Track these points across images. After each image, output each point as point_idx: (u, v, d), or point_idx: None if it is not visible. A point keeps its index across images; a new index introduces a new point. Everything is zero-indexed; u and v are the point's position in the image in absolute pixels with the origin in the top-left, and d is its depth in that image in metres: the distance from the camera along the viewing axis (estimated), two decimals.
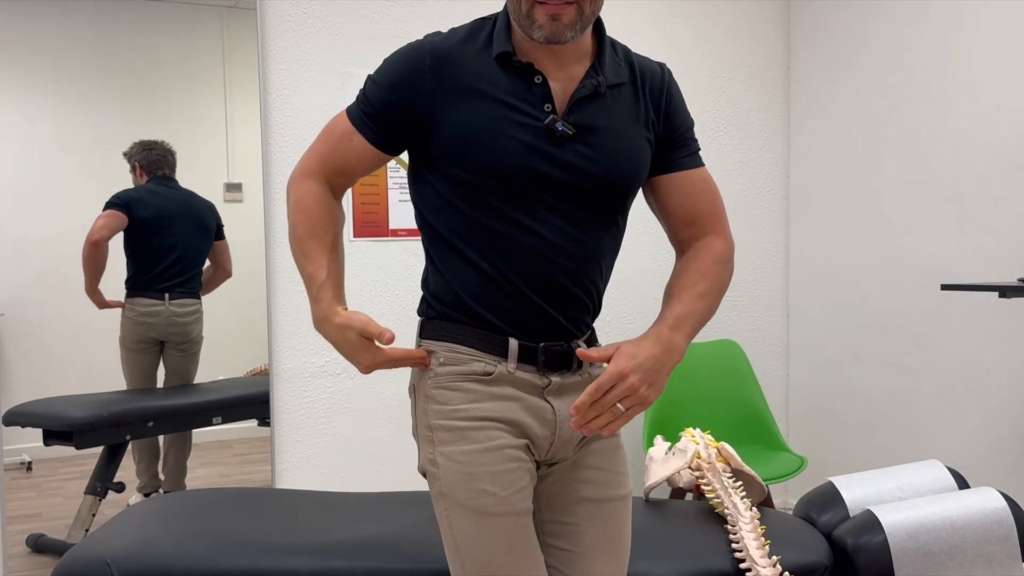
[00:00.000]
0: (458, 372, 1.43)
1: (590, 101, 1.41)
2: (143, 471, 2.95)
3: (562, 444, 1.47)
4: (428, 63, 1.39)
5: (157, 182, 2.87)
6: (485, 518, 1.39)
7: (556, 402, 1.45)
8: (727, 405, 3.33)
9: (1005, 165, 2.90)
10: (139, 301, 2.89)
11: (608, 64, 1.43)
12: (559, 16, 1.32)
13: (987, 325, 2.97)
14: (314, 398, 3.00)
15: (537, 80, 1.39)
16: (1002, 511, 1.85)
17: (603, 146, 1.41)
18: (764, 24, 3.67)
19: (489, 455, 1.40)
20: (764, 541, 1.75)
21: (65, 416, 2.77)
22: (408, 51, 1.42)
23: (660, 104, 1.48)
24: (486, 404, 1.42)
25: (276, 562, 1.63)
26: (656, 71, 1.49)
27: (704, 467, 1.95)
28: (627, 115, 1.44)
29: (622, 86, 1.45)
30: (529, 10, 1.34)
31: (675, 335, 1.41)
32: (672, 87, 1.50)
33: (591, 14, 1.36)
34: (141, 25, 2.83)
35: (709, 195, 1.54)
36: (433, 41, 1.41)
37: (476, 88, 1.38)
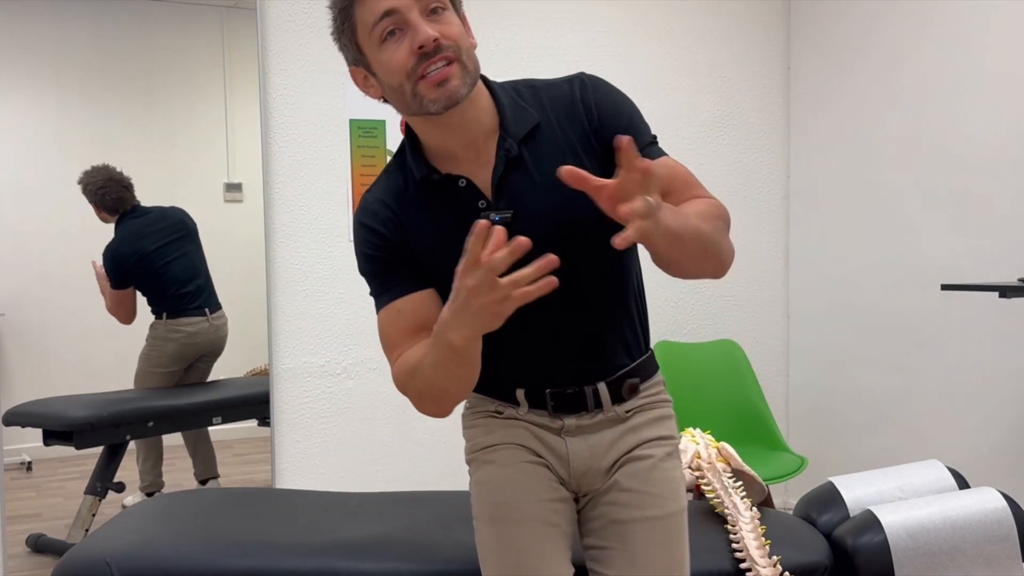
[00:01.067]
0: (476, 411, 1.54)
1: (512, 172, 1.37)
2: (148, 470, 2.95)
3: (581, 476, 1.48)
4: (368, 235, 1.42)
5: (130, 220, 2.87)
6: (500, 525, 1.43)
7: (573, 440, 1.47)
8: (727, 405, 3.33)
9: (1005, 165, 2.90)
10: (183, 321, 2.96)
11: (512, 119, 1.38)
12: (446, 79, 1.29)
13: (987, 325, 2.97)
14: (314, 398, 3.00)
15: (462, 184, 1.38)
16: (1002, 511, 1.85)
17: (539, 212, 1.35)
18: (764, 24, 3.67)
19: (505, 469, 1.46)
20: (764, 541, 1.75)
21: (65, 416, 2.77)
22: (354, 235, 1.45)
23: (582, 123, 1.39)
24: (499, 432, 1.49)
25: (276, 562, 1.63)
26: (564, 92, 1.42)
27: (704, 467, 1.95)
28: (553, 160, 1.36)
29: (536, 131, 1.39)
30: (414, 89, 1.30)
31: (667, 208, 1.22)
32: (587, 97, 1.41)
33: (474, 69, 1.33)
34: (141, 25, 2.83)
35: (678, 176, 1.39)
36: (361, 213, 1.43)
37: (427, 227, 1.39)
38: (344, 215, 3.01)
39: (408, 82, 1.30)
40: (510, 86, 1.44)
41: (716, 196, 1.43)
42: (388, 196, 1.42)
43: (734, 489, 1.90)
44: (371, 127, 3.03)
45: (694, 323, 3.61)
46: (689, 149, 3.55)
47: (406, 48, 1.29)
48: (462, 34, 1.32)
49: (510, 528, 1.42)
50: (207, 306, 3.00)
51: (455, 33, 1.31)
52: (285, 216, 2.95)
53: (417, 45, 1.27)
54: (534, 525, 1.42)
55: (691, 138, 3.56)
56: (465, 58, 1.31)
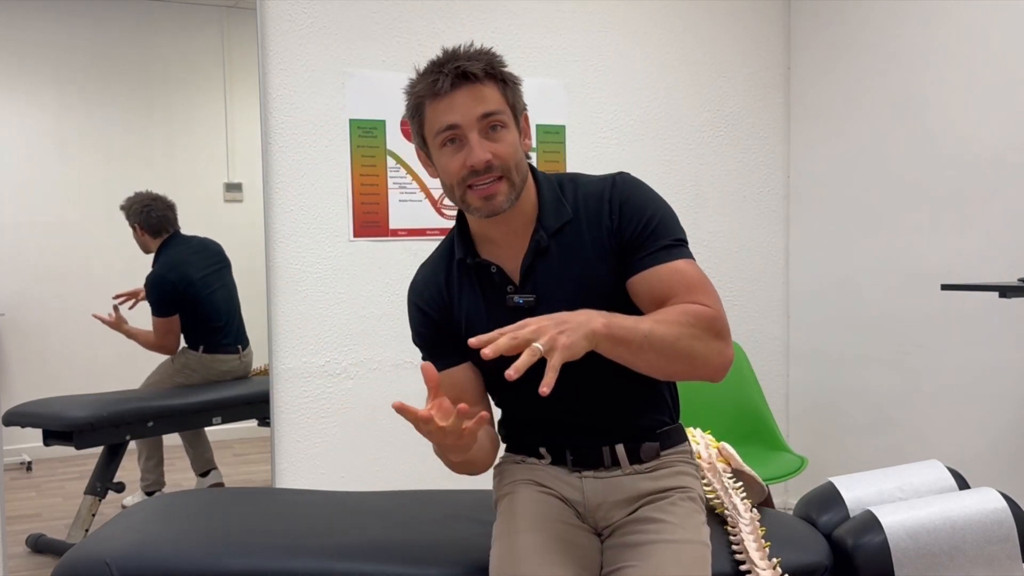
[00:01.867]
0: (503, 461, 1.70)
1: (539, 261, 1.52)
2: (150, 470, 2.95)
3: (595, 508, 1.58)
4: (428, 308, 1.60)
5: (174, 244, 2.88)
6: (513, 536, 1.49)
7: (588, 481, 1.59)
8: (727, 405, 3.33)
9: (1005, 165, 2.90)
10: (219, 358, 3.01)
11: (549, 212, 1.53)
12: (492, 196, 1.45)
13: (987, 325, 2.97)
14: (314, 398, 3.00)
15: (493, 271, 1.54)
16: (1002, 511, 1.85)
17: (557, 299, 1.46)
18: (764, 24, 3.67)
19: (520, 495, 1.57)
20: (764, 543, 1.75)
21: (65, 416, 2.77)
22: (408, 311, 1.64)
23: (604, 220, 1.50)
24: (518, 474, 1.63)
25: (276, 562, 1.63)
26: (597, 193, 1.53)
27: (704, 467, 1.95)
28: (577, 253, 1.51)
29: (567, 227, 1.52)
30: (463, 196, 1.48)
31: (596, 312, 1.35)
32: (615, 199, 1.50)
33: (520, 181, 1.48)
34: (141, 25, 2.83)
35: (682, 281, 1.47)
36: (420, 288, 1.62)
37: (464, 309, 1.56)
38: (344, 215, 3.01)
39: (459, 188, 1.48)
40: (556, 179, 1.58)
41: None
42: (435, 276, 1.61)
43: (734, 489, 1.90)
44: (371, 127, 3.03)
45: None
46: (689, 149, 3.56)
47: (460, 161, 1.45)
48: (515, 151, 1.47)
49: (522, 536, 1.48)
50: (240, 343, 3.05)
51: (507, 153, 1.46)
52: (285, 216, 2.95)
53: (469, 164, 1.44)
54: (547, 536, 1.47)
55: (691, 138, 3.56)
56: (514, 174, 1.47)
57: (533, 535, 1.47)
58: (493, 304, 1.54)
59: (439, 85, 1.45)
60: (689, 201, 3.56)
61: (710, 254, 3.62)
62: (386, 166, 3.05)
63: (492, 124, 1.46)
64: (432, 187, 3.11)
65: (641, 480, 1.57)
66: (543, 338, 1.26)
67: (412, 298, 1.64)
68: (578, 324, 1.30)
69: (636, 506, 1.55)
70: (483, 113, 1.45)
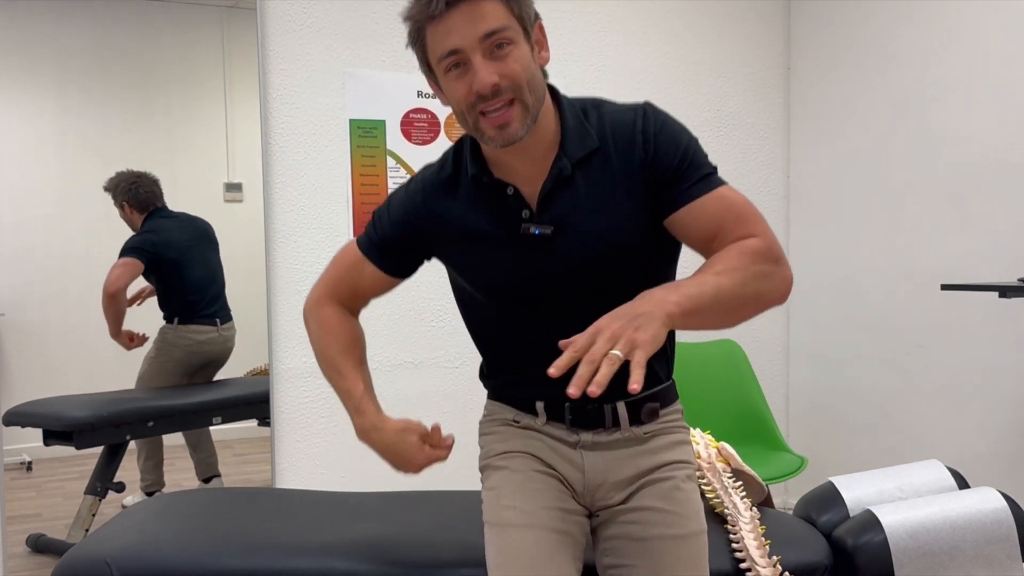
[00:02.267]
0: (493, 419, 1.58)
1: (561, 190, 1.40)
2: (150, 470, 2.95)
3: (597, 488, 1.48)
4: (420, 201, 1.49)
5: (159, 216, 2.88)
6: (507, 530, 1.42)
7: (588, 455, 1.48)
8: (727, 405, 3.33)
9: (1005, 165, 2.90)
10: (193, 328, 2.96)
11: (573, 139, 1.40)
12: (506, 123, 1.33)
13: (987, 325, 2.97)
14: (314, 398, 3.00)
15: (509, 192, 1.42)
16: (1002, 511, 1.85)
17: (580, 233, 1.39)
18: (764, 24, 3.67)
19: (515, 475, 1.47)
20: (764, 541, 1.75)
21: (65, 416, 2.77)
22: (406, 192, 1.52)
23: (637, 152, 1.40)
24: (514, 441, 1.52)
25: (276, 562, 1.63)
26: (627, 122, 1.41)
27: (704, 467, 1.95)
28: (603, 186, 1.40)
29: (593, 156, 1.40)
30: (475, 124, 1.35)
31: (666, 292, 1.27)
32: (649, 128, 1.40)
33: (536, 102, 1.35)
34: (141, 25, 2.83)
35: (732, 210, 1.39)
36: (424, 177, 1.51)
37: (460, 226, 1.46)
38: (344, 215, 3.01)
39: (469, 115, 1.35)
40: (579, 104, 1.45)
41: None
42: (433, 187, 1.49)
43: (734, 489, 1.90)
44: (371, 127, 3.03)
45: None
46: None
47: (467, 86, 1.33)
48: (526, 68, 1.33)
49: (516, 532, 1.41)
50: (219, 316, 3.01)
51: (516, 72, 1.32)
52: (285, 216, 2.95)
53: (476, 90, 1.31)
54: (541, 531, 1.41)
55: None
56: (527, 94, 1.33)
57: (528, 532, 1.41)
58: (504, 230, 1.42)
59: (434, 6, 1.32)
60: None
61: None
62: (386, 166, 3.05)
63: (497, 42, 1.32)
64: None
65: (640, 455, 1.48)
66: (620, 342, 1.18)
67: (403, 198, 1.52)
68: (651, 314, 1.22)
69: (635, 487, 1.47)
70: (485, 32, 1.31)
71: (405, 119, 3.07)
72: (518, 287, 1.43)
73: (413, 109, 3.07)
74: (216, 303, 3.01)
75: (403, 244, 1.53)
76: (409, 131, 3.07)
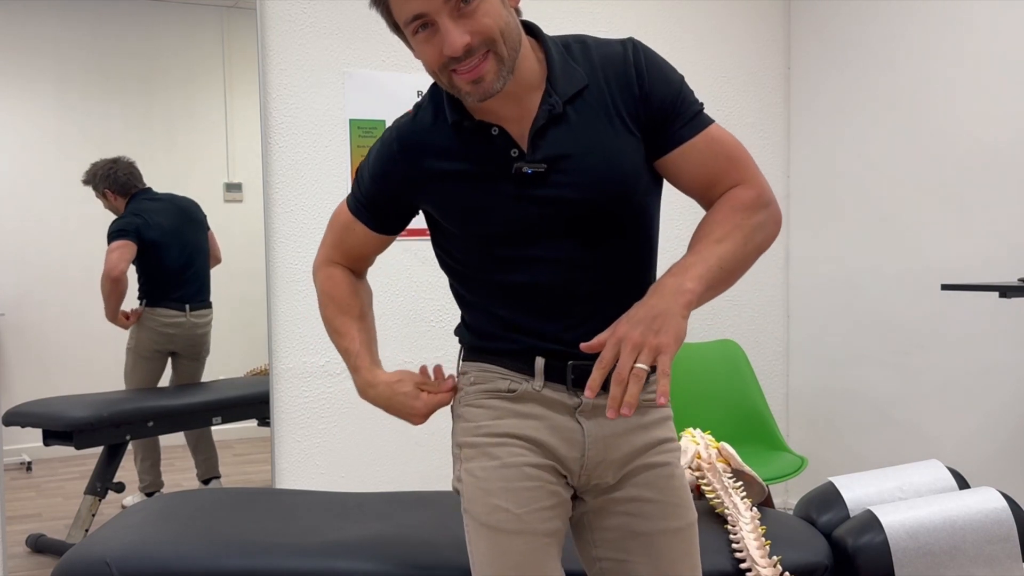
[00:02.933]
0: (484, 390, 1.44)
1: (552, 127, 1.34)
2: (147, 470, 2.95)
3: (596, 466, 1.42)
4: (396, 150, 1.41)
5: (141, 198, 2.87)
6: (497, 535, 1.37)
7: (587, 423, 1.41)
8: (727, 405, 3.33)
9: (1005, 165, 2.90)
10: (161, 311, 2.91)
11: (560, 76, 1.35)
12: (480, 78, 1.26)
13: (987, 325, 2.97)
14: (314, 398, 3.00)
15: (494, 132, 1.35)
16: (1002, 511, 1.85)
17: (578, 169, 1.34)
18: (764, 24, 3.67)
19: (507, 471, 1.39)
20: (764, 541, 1.75)
21: (65, 416, 2.77)
22: (382, 142, 1.45)
23: (631, 88, 1.35)
24: (508, 421, 1.41)
25: (276, 562, 1.63)
26: (617, 54, 1.37)
27: (704, 467, 1.95)
28: (597, 121, 1.35)
29: (584, 91, 1.35)
30: (449, 82, 1.29)
31: (681, 279, 1.25)
32: (640, 63, 1.36)
33: (512, 50, 1.28)
34: (141, 25, 2.83)
35: (723, 153, 1.39)
36: (399, 127, 1.43)
37: (444, 168, 1.38)
38: None
39: (442, 74, 1.29)
40: (561, 41, 1.40)
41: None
42: (410, 134, 1.41)
43: (734, 489, 1.90)
44: (371, 127, 3.03)
45: (694, 323, 3.60)
46: None
47: (437, 49, 1.26)
48: (496, 19, 1.25)
49: (507, 539, 1.37)
50: (188, 301, 2.96)
51: (488, 26, 1.24)
52: (285, 216, 2.95)
53: (447, 54, 1.25)
54: (532, 538, 1.37)
55: None
56: (501, 47, 1.26)
57: (520, 540, 1.36)
58: (493, 170, 1.35)
59: None
60: (689, 201, 3.55)
61: None
62: None
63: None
64: None
65: (635, 432, 1.43)
66: (644, 352, 1.17)
67: (380, 151, 1.44)
68: (669, 311, 1.20)
69: (630, 468, 1.43)
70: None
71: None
72: (513, 229, 1.36)
73: None
74: (188, 287, 2.97)
75: (387, 199, 1.45)
76: None
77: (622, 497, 1.43)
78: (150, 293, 2.89)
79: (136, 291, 2.88)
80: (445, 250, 1.47)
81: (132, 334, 2.88)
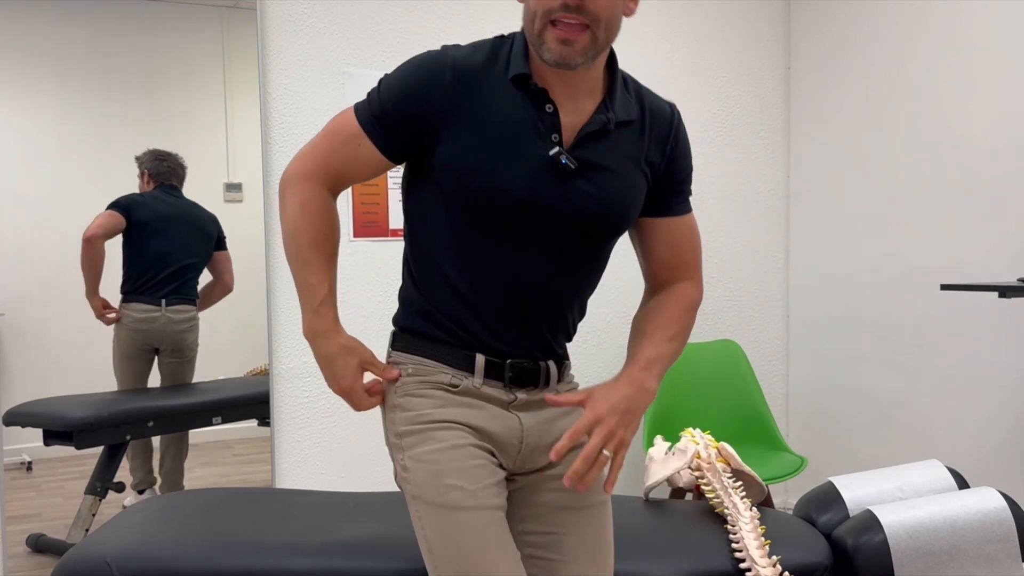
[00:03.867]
0: (424, 381, 1.46)
1: (598, 138, 1.40)
2: (137, 467, 2.94)
3: (530, 452, 1.49)
4: (448, 78, 1.37)
5: (162, 190, 2.88)
6: (454, 513, 1.38)
7: (523, 415, 1.48)
8: (727, 405, 3.33)
9: (1005, 165, 2.90)
10: (135, 307, 2.88)
11: (619, 100, 1.42)
12: (571, 41, 1.30)
13: (987, 325, 2.97)
14: (314, 398, 3.00)
15: (548, 109, 1.38)
16: (1002, 511, 1.85)
17: (604, 185, 1.41)
18: (764, 24, 3.67)
19: (454, 451, 1.40)
20: (764, 541, 1.75)
21: (65, 416, 2.77)
22: (428, 61, 1.38)
23: (665, 147, 1.48)
24: (450, 409, 1.44)
25: (276, 562, 1.63)
26: (666, 112, 1.48)
27: (704, 467, 1.95)
28: (630, 155, 1.44)
29: (630, 124, 1.44)
30: (542, 30, 1.32)
31: (647, 376, 1.42)
32: (680, 131, 1.50)
33: (604, 42, 1.33)
34: (141, 25, 2.83)
35: (692, 243, 1.56)
36: (455, 56, 1.38)
37: (488, 114, 1.37)
38: (344, 215, 3.01)
39: (540, 20, 1.31)
40: (622, 73, 1.47)
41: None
42: (466, 68, 1.38)
43: (734, 489, 1.90)
44: None
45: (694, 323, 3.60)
46: None
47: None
48: (612, 7, 1.31)
49: (464, 515, 1.37)
50: (166, 296, 2.92)
51: (604, 4, 1.30)
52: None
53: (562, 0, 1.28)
54: (487, 512, 1.39)
55: (691, 138, 3.56)
56: (601, 31, 1.31)
57: (476, 515, 1.38)
58: (531, 140, 1.37)
59: None
60: None
61: (710, 254, 3.62)
62: None
63: None
64: None
65: (562, 417, 1.53)
66: (612, 442, 1.35)
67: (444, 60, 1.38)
68: (639, 409, 1.39)
69: None
70: None
71: None
72: (516, 205, 1.38)
73: None
74: (170, 283, 2.92)
75: (410, 122, 1.38)
76: None
77: (554, 475, 1.51)
78: (128, 285, 2.87)
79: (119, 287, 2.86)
80: (424, 208, 1.44)
81: (115, 331, 2.87)
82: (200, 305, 2.95)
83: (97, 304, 2.82)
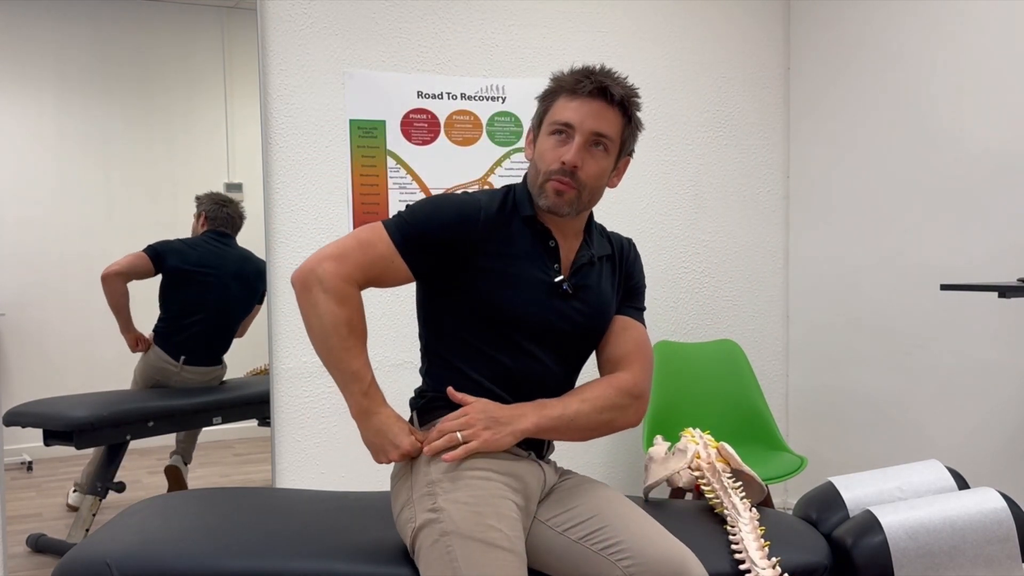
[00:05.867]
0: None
1: (586, 268, 1.76)
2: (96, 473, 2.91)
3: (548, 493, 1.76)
4: (482, 218, 1.68)
5: (211, 236, 2.87)
6: (494, 550, 1.51)
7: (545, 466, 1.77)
8: (727, 405, 3.33)
9: (1005, 165, 2.90)
10: (158, 351, 2.89)
11: (596, 241, 1.81)
12: (562, 192, 1.66)
13: (987, 325, 2.97)
14: (314, 398, 3.00)
15: (551, 244, 1.73)
16: (1002, 511, 1.85)
17: (592, 304, 1.76)
18: (764, 24, 3.67)
19: (495, 500, 1.57)
20: (764, 542, 1.76)
21: (65, 416, 2.78)
22: (464, 202, 1.69)
23: (627, 267, 1.85)
24: (485, 459, 1.63)
25: (276, 562, 1.63)
26: (627, 247, 1.88)
27: (704, 467, 1.95)
28: (606, 280, 1.80)
29: (606, 258, 1.81)
30: (544, 183, 1.68)
31: (530, 409, 1.66)
32: (636, 258, 1.88)
33: (588, 203, 1.71)
34: (141, 25, 2.83)
35: (638, 343, 1.79)
36: (492, 199, 1.72)
37: (510, 247, 1.70)
38: (344, 215, 3.01)
39: (543, 175, 1.68)
40: (598, 225, 1.86)
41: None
42: (496, 212, 1.70)
43: (734, 489, 1.90)
44: (371, 127, 3.03)
45: (694, 323, 3.61)
46: (689, 149, 3.56)
47: (558, 154, 1.66)
48: (598, 178, 1.69)
49: (503, 556, 1.51)
50: (185, 354, 2.92)
51: (592, 174, 1.68)
52: (285, 216, 2.95)
53: (562, 160, 1.65)
54: (519, 559, 1.53)
55: (691, 138, 3.56)
56: (585, 195, 1.69)
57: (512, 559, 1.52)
58: (540, 270, 1.72)
59: (580, 86, 1.65)
60: (689, 201, 3.56)
61: (710, 254, 3.62)
62: (386, 166, 3.05)
63: (598, 142, 1.67)
64: (432, 188, 3.11)
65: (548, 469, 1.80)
66: (468, 431, 1.61)
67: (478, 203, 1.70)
68: (507, 427, 1.62)
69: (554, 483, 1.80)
70: (597, 131, 1.66)
71: (405, 119, 3.07)
72: (528, 319, 1.69)
73: (413, 109, 3.07)
74: (194, 342, 2.91)
75: (443, 248, 1.66)
76: (409, 131, 3.07)
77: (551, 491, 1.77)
78: (160, 330, 2.87)
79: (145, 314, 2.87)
80: (449, 310, 1.72)
81: (141, 359, 2.88)
82: None
83: (130, 340, 2.83)
